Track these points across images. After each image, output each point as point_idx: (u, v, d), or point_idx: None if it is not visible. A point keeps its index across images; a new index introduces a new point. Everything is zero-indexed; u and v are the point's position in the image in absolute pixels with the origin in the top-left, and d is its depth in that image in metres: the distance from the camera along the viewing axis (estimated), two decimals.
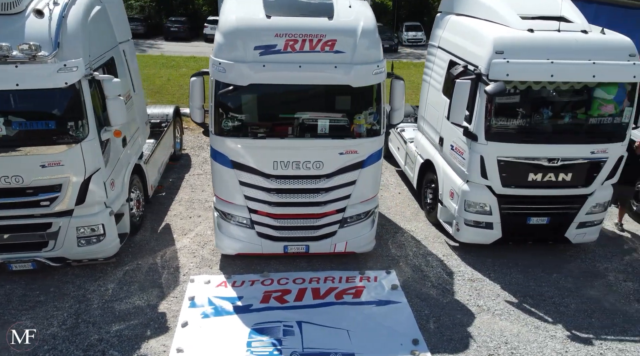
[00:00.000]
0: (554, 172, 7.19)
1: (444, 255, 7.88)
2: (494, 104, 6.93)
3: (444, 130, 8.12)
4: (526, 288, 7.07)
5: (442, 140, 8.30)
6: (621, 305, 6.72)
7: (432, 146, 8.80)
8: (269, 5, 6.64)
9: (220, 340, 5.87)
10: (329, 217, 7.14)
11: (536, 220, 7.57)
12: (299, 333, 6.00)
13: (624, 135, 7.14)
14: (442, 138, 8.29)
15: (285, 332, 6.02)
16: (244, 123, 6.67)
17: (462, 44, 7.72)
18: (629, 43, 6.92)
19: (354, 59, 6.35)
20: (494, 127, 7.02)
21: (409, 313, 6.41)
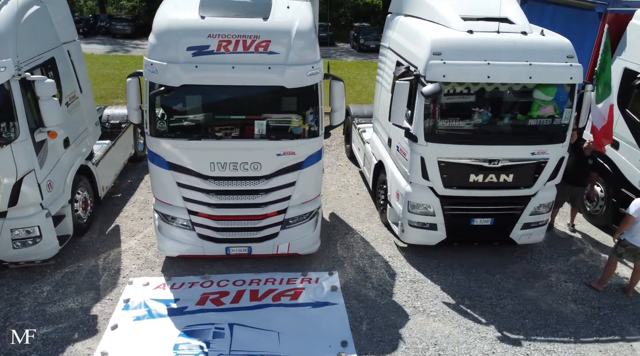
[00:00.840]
0: (495, 173, 7.20)
1: (390, 256, 7.87)
2: (432, 105, 6.95)
3: (392, 131, 8.12)
4: (466, 289, 7.07)
5: (390, 141, 8.30)
6: (557, 306, 6.74)
7: (384, 147, 8.81)
8: (205, 6, 6.60)
9: (148, 343, 5.83)
10: (270, 218, 7.12)
11: (480, 221, 7.58)
12: (229, 336, 5.97)
13: (564, 136, 7.15)
14: (390, 139, 8.29)
15: (216, 334, 5.99)
16: (179, 124, 6.63)
17: (406, 45, 7.72)
18: (567, 45, 6.94)
19: (288, 60, 6.33)
20: (433, 129, 7.03)
21: (344, 315, 6.40)
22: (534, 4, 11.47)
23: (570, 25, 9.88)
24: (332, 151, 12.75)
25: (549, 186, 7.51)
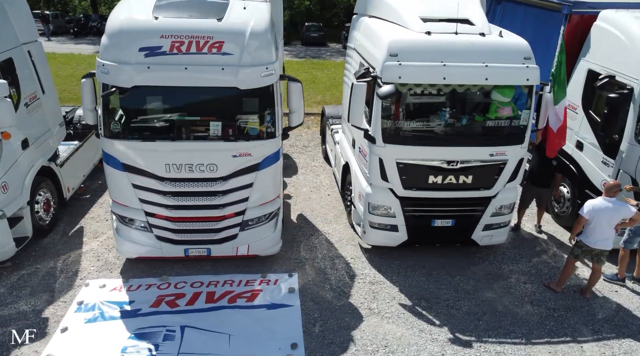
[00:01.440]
0: (454, 174, 7.19)
1: (352, 258, 7.86)
2: (390, 106, 6.95)
3: (355, 132, 8.11)
4: (425, 290, 7.07)
5: (354, 142, 8.29)
6: (514, 307, 6.74)
7: (350, 148, 8.80)
8: (160, 7, 6.57)
9: (96, 346, 5.79)
10: (229, 220, 7.09)
11: (441, 222, 7.57)
12: (180, 338, 5.94)
13: (523, 137, 7.15)
14: (354, 140, 8.28)
15: (166, 337, 5.95)
16: (132, 125, 6.60)
17: (367, 46, 7.71)
18: (524, 46, 6.93)
19: (242, 61, 6.30)
20: (391, 130, 7.03)
21: (298, 317, 6.38)
22: (507, 4, 11.49)
23: (539, 26, 9.91)
24: (309, 152, 12.74)
25: (510, 187, 7.51)
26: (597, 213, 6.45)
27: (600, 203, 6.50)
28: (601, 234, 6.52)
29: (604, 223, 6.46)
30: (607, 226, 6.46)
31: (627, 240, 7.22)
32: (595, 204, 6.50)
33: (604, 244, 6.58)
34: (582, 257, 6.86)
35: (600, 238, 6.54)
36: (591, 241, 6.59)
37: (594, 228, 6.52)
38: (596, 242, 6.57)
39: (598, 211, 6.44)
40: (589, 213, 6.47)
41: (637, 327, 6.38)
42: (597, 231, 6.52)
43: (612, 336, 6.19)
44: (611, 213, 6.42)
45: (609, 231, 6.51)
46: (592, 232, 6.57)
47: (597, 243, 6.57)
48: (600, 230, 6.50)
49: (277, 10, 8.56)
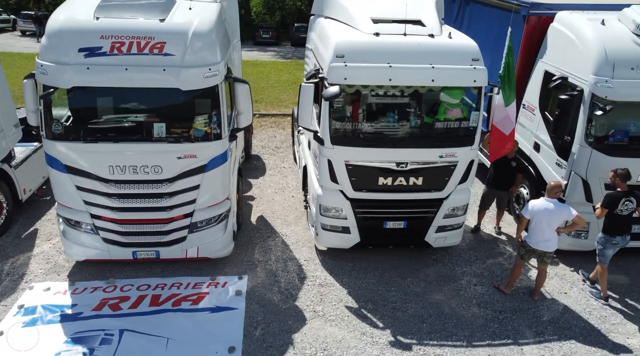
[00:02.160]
0: (404, 176, 7.16)
1: (306, 260, 7.81)
2: (337, 107, 6.91)
3: (309, 134, 8.07)
4: (373, 292, 7.03)
5: (309, 143, 8.25)
6: (460, 309, 6.71)
7: (307, 149, 8.75)
8: (103, 8, 6.51)
9: (30, 351, 5.71)
10: (177, 222, 7.03)
11: (393, 224, 7.54)
12: (117, 342, 5.87)
13: (473, 139, 7.13)
14: (309, 141, 8.24)
15: (103, 341, 5.89)
16: (75, 127, 6.54)
17: (320, 46, 7.69)
18: (472, 47, 6.91)
19: (184, 62, 6.24)
20: (339, 131, 6.98)
21: (240, 320, 6.33)
22: (475, 6, 11.49)
23: (502, 27, 9.88)
24: (280, 154, 12.69)
25: (462, 189, 7.48)
26: (536, 213, 6.45)
27: (540, 203, 6.49)
28: (542, 234, 6.51)
29: (543, 224, 6.45)
30: (547, 227, 6.46)
31: (599, 254, 6.98)
32: (536, 205, 6.51)
33: (546, 245, 6.57)
34: (528, 258, 6.84)
35: (542, 238, 6.53)
36: (533, 241, 6.59)
37: (534, 228, 6.53)
38: (537, 243, 6.56)
39: (538, 212, 6.44)
40: (530, 212, 6.48)
41: (580, 329, 6.37)
42: (537, 231, 6.52)
43: (553, 339, 6.17)
44: (551, 214, 6.41)
45: (550, 233, 6.50)
46: (533, 232, 6.57)
47: (538, 243, 6.56)
48: (540, 231, 6.49)
49: (232, 10, 8.50)
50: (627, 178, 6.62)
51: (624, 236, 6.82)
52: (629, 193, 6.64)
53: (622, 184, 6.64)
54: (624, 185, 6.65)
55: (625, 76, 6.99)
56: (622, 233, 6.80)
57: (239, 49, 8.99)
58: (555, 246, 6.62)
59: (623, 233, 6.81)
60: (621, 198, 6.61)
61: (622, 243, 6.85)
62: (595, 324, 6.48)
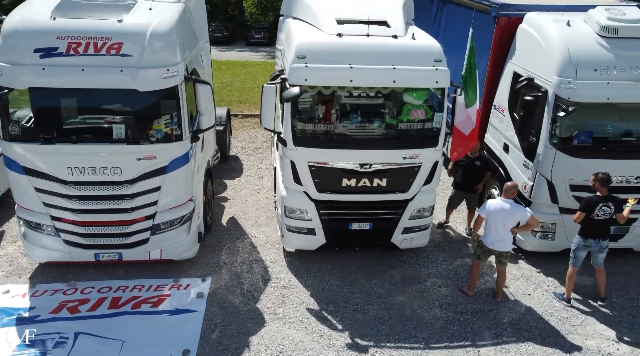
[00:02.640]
0: (368, 177, 7.13)
1: (272, 261, 7.77)
2: (300, 108, 6.89)
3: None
4: (336, 294, 7.00)
5: (278, 145, 8.22)
6: (422, 311, 6.69)
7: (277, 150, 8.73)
8: (61, 7, 6.46)
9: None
10: (139, 224, 6.99)
11: (358, 226, 7.51)
12: (71, 345, 5.83)
13: (436, 140, 7.11)
14: (277, 144, 8.21)
15: (57, 344, 5.84)
16: (32, 128, 6.49)
17: (285, 47, 7.66)
18: (435, 48, 6.90)
19: (141, 62, 6.21)
20: (302, 133, 6.95)
21: (199, 323, 6.29)
22: (451, 6, 11.48)
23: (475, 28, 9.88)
24: (259, 154, 12.65)
25: (427, 190, 7.46)
26: (492, 213, 6.47)
27: (497, 203, 6.51)
28: (497, 234, 6.52)
29: (499, 224, 6.47)
30: (502, 227, 6.47)
31: (571, 255, 6.92)
32: (492, 205, 6.54)
33: (501, 245, 6.58)
34: (484, 258, 6.83)
35: (497, 238, 6.54)
36: (488, 241, 6.60)
37: (490, 228, 6.55)
38: (493, 242, 6.57)
39: (494, 212, 6.47)
40: (486, 212, 6.50)
41: (539, 331, 6.36)
42: (492, 231, 6.54)
43: (512, 341, 6.15)
44: (506, 214, 6.43)
45: (505, 233, 6.51)
46: (489, 232, 6.59)
47: (494, 243, 6.57)
48: (495, 230, 6.51)
49: (199, 11, 8.45)
50: (606, 182, 6.54)
51: (598, 240, 6.70)
52: (607, 198, 6.55)
53: (602, 188, 6.55)
54: (604, 190, 6.56)
55: (588, 77, 6.98)
56: (595, 237, 6.69)
57: (207, 50, 8.94)
58: (510, 247, 6.64)
59: (597, 237, 6.68)
60: (598, 203, 6.53)
61: (595, 246, 6.77)
62: (555, 325, 6.47)
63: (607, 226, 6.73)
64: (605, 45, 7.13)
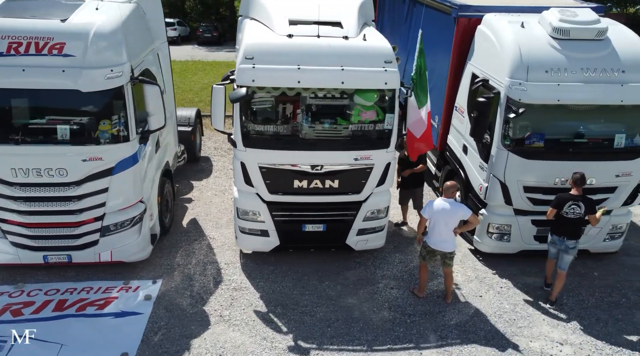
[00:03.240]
0: (319, 179, 7.10)
1: (226, 263, 7.73)
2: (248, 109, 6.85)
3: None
4: (286, 296, 6.96)
5: None
6: (370, 313, 6.65)
7: None
8: (4, 7, 6.43)
9: None
10: (88, 225, 6.93)
11: (312, 227, 7.47)
12: (8, 349, 5.77)
13: (388, 142, 7.09)
14: None
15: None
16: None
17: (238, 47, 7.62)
18: (385, 50, 6.86)
19: (84, 63, 6.16)
20: (251, 134, 6.91)
21: (142, 326, 6.23)
22: (419, 7, 11.44)
23: (439, 29, 9.88)
24: (231, 156, 12.38)
25: (381, 191, 7.43)
26: (434, 213, 6.50)
27: (438, 203, 6.54)
28: (439, 234, 6.54)
29: (441, 224, 6.49)
30: (444, 227, 6.48)
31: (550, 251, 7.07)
32: (434, 205, 6.56)
33: (444, 245, 6.58)
34: (429, 259, 6.81)
35: (439, 239, 6.56)
36: (431, 241, 6.62)
37: (433, 228, 6.57)
38: (435, 243, 6.58)
39: (436, 212, 6.49)
40: (428, 212, 6.53)
41: (485, 333, 6.34)
42: (435, 231, 6.55)
43: (456, 343, 6.13)
44: (448, 214, 6.45)
45: (447, 233, 6.52)
46: (432, 232, 6.61)
47: (436, 243, 6.58)
48: (438, 231, 6.52)
49: (154, 11, 8.37)
50: (579, 181, 6.62)
51: (563, 239, 6.74)
52: (578, 198, 6.59)
53: (576, 187, 6.63)
54: (578, 189, 6.63)
55: (539, 79, 6.97)
56: (560, 235, 6.76)
57: (165, 50, 8.87)
58: (453, 247, 6.64)
59: (563, 235, 6.74)
60: (568, 201, 6.59)
61: (559, 244, 6.82)
62: (501, 327, 6.45)
63: (576, 226, 6.77)
64: (557, 47, 7.12)
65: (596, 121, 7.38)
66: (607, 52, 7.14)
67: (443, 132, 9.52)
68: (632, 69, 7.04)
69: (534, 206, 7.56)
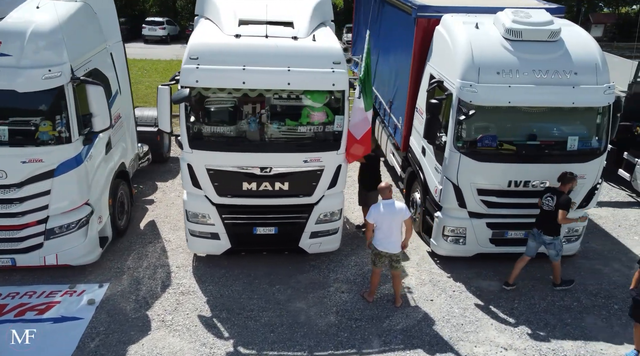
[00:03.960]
0: (269, 181, 6.99)
1: (177, 267, 7.60)
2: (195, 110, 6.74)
3: None
4: (233, 301, 6.84)
5: None
6: (317, 318, 6.55)
7: None
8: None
9: None
10: (31, 228, 6.80)
11: (263, 230, 7.36)
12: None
13: (338, 144, 6.99)
14: None
15: None
16: None
17: None
18: (334, 50, 6.75)
19: (20, 62, 6.04)
20: (198, 135, 6.80)
21: (79, 331, 6.11)
22: (387, 7, 11.37)
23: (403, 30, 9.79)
24: None
25: (334, 194, 7.34)
26: (378, 216, 6.49)
27: (380, 206, 6.54)
28: (385, 236, 6.52)
29: (385, 226, 6.48)
30: (387, 228, 6.47)
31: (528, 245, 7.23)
32: (377, 208, 6.55)
33: (389, 247, 6.54)
34: (379, 263, 6.73)
35: (385, 240, 6.53)
36: (377, 243, 6.58)
37: (378, 231, 6.55)
38: (381, 244, 6.55)
39: (379, 214, 6.48)
40: (373, 217, 6.52)
41: (430, 338, 6.25)
42: (381, 233, 6.53)
43: (399, 348, 6.04)
44: (389, 215, 6.44)
45: (392, 234, 6.50)
46: (377, 234, 6.58)
47: (382, 245, 6.55)
48: (383, 232, 6.51)
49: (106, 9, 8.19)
50: (560, 178, 6.88)
51: (540, 232, 7.00)
52: (555, 190, 6.91)
53: (562, 185, 6.89)
54: (562, 186, 6.88)
55: (490, 81, 6.88)
56: (539, 227, 7.04)
57: (120, 50, 8.71)
58: (398, 249, 6.59)
59: (539, 227, 7.03)
60: (547, 192, 6.97)
61: (537, 237, 7.08)
62: (447, 332, 6.37)
63: (548, 219, 6.95)
64: (509, 48, 7.04)
65: (549, 123, 7.33)
66: (560, 53, 7.08)
67: (406, 133, 9.45)
68: (585, 71, 6.99)
69: (489, 209, 7.49)
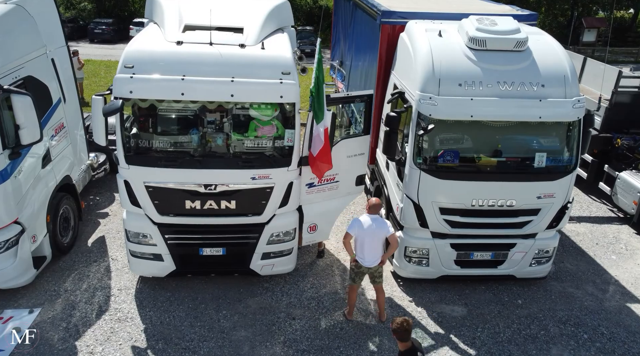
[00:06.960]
0: (214, 199, 6.48)
1: (119, 289, 7.07)
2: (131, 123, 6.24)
3: None
4: (173, 329, 6.33)
5: None
6: (261, 349, 6.00)
7: None
8: None
9: None
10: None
11: (210, 251, 6.84)
12: None
13: (289, 160, 6.49)
14: None
15: None
16: None
17: None
18: (283, 59, 6.26)
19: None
20: (135, 150, 6.28)
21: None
22: (359, 11, 10.91)
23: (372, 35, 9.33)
24: None
25: (285, 213, 6.84)
26: (359, 230, 6.19)
27: (364, 220, 6.24)
28: (369, 252, 6.23)
29: (367, 241, 6.20)
30: (369, 244, 6.19)
31: None
32: (359, 221, 6.24)
33: (372, 262, 6.25)
34: (359, 280, 6.47)
35: (367, 255, 6.23)
36: (360, 258, 6.28)
37: (362, 246, 6.23)
38: (365, 261, 6.25)
39: (361, 229, 6.18)
40: (356, 230, 6.21)
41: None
42: (365, 249, 6.22)
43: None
44: (374, 230, 6.16)
45: (372, 249, 6.20)
46: (360, 249, 6.27)
47: (366, 262, 6.25)
48: (368, 248, 6.22)
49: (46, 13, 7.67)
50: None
51: None
52: None
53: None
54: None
55: (451, 93, 6.41)
56: None
57: (64, 56, 8.17)
58: (377, 262, 6.28)
59: None
60: None
61: None
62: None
63: None
64: (472, 58, 6.57)
65: (515, 138, 6.87)
66: (526, 64, 6.61)
67: (374, 145, 8.98)
68: (552, 83, 6.53)
69: (452, 229, 7.00)
